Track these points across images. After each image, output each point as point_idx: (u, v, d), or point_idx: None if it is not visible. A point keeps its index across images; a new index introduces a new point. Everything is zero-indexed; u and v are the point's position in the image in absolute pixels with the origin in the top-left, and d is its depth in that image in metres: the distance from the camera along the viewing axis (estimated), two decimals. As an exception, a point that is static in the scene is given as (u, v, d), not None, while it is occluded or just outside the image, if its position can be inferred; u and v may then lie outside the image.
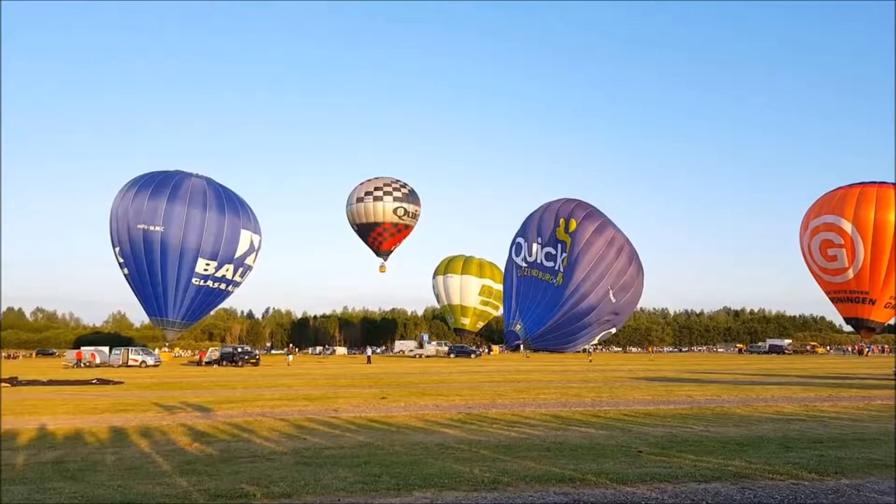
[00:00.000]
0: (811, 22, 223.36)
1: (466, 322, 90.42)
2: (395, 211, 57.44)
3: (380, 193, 57.79)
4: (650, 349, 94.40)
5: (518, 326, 72.41)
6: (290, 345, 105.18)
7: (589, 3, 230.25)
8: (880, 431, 12.50)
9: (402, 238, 60.09)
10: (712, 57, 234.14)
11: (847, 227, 41.51)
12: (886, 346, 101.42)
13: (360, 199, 58.33)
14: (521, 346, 72.81)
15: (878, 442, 11.20)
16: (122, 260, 52.40)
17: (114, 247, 53.20)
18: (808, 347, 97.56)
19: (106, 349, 58.45)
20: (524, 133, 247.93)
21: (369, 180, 59.62)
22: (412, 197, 59.48)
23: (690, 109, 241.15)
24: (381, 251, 60.12)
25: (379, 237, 58.72)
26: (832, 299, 45.30)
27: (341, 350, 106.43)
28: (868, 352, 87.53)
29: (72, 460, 9.89)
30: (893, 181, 43.07)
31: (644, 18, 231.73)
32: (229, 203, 54.45)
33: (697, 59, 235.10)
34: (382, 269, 61.01)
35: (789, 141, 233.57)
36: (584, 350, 65.21)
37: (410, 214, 58.73)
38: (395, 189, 58.49)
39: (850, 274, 41.91)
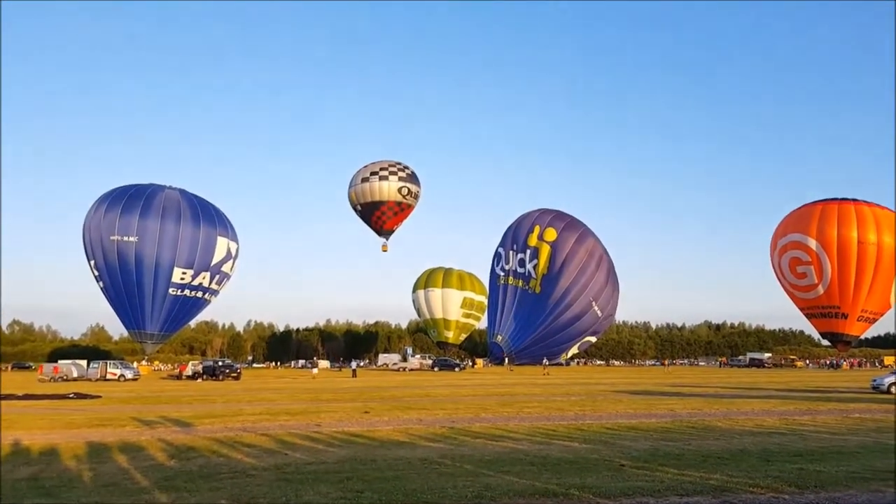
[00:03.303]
0: (791, 36, 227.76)
1: (450, 335, 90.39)
2: (399, 190, 60.05)
3: (385, 173, 60.41)
4: (665, 362, 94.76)
5: (499, 337, 72.59)
6: (315, 357, 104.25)
7: (572, 6, 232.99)
8: (859, 445, 12.65)
9: (403, 218, 62.25)
10: (692, 72, 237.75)
11: (812, 244, 42.52)
12: (864, 360, 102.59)
13: (364, 180, 60.47)
14: (506, 360, 73.05)
15: (856, 455, 11.33)
16: (97, 273, 51.91)
17: (88, 260, 52.65)
18: (785, 361, 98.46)
19: (83, 362, 57.45)
20: (507, 145, 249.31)
21: (373, 163, 62.38)
22: (414, 178, 62.23)
23: (672, 126, 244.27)
24: (384, 230, 62.25)
25: (383, 216, 60.84)
26: (807, 315, 46.15)
27: (324, 363, 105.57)
28: (845, 364, 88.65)
29: (47, 476, 9.71)
30: (853, 197, 44.32)
31: (629, 34, 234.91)
32: (204, 212, 54.27)
33: (679, 73, 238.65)
34: (385, 248, 63.29)
35: (770, 154, 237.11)
36: (542, 364, 65.64)
37: (413, 194, 61.37)
38: (399, 170, 61.28)
39: (821, 290, 42.80)
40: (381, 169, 60.79)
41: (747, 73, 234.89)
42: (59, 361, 59.38)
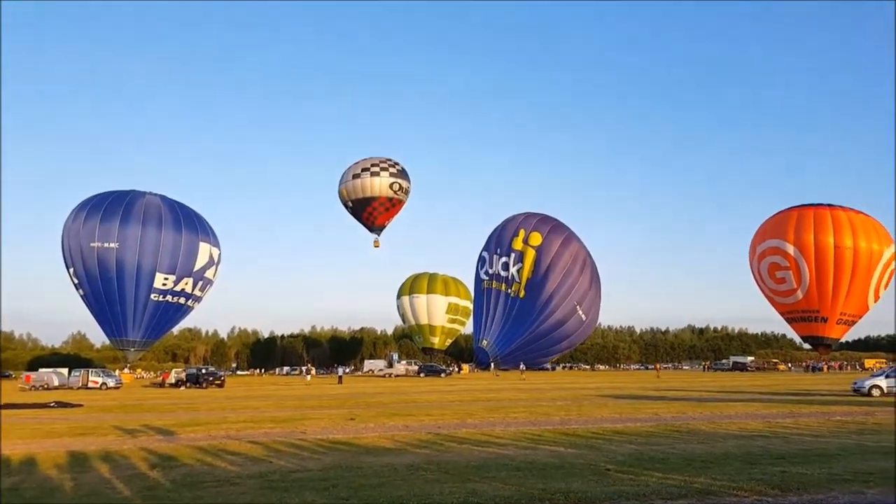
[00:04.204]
0: (772, 41, 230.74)
1: (435, 341, 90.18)
2: (391, 186, 60.97)
3: (376, 169, 61.30)
4: (658, 367, 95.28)
5: (485, 342, 72.55)
6: (309, 364, 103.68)
7: (557, 7, 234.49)
8: (840, 447, 12.80)
9: (394, 213, 63.16)
10: (677, 77, 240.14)
11: (790, 249, 43.26)
12: (845, 363, 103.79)
13: (356, 176, 61.16)
14: (492, 365, 73.05)
15: (838, 457, 11.46)
16: (76, 281, 51.22)
17: (67, 268, 51.93)
18: (768, 364, 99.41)
19: (65, 371, 56.76)
20: (487, 150, 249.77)
21: (363, 159, 63.21)
22: (404, 174, 63.22)
23: (656, 131, 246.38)
24: (376, 226, 63.06)
25: (374, 212, 61.67)
26: (787, 320, 46.77)
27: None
28: (827, 368, 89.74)
29: (28, 487, 9.58)
30: (828, 202, 45.06)
31: (613, 36, 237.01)
32: (186, 218, 53.91)
33: (664, 78, 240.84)
34: (377, 244, 63.72)
35: (753, 159, 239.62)
36: (519, 370, 65.98)
37: (404, 190, 62.41)
38: (390, 166, 62.28)
39: (800, 294, 43.48)
40: (373, 165, 61.46)
41: (732, 79, 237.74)
42: (40, 370, 58.62)
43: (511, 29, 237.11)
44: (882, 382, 29.44)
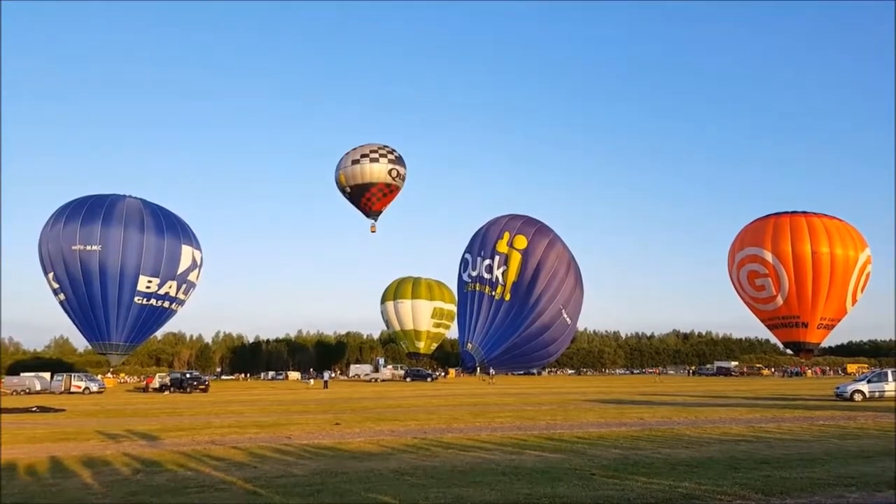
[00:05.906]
0: (755, 47, 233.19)
1: (421, 346, 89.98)
2: (389, 172, 61.83)
3: (375, 156, 62.28)
4: (657, 372, 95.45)
5: (470, 346, 72.53)
6: (312, 369, 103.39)
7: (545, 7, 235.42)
8: (822, 451, 12.93)
9: (391, 199, 64.62)
10: (663, 81, 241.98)
11: (769, 257, 43.82)
12: (828, 368, 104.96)
13: (355, 162, 62.40)
14: (478, 369, 73.06)
15: (820, 462, 11.57)
16: (56, 286, 50.50)
17: (46, 273, 51.18)
18: (748, 369, 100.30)
19: (47, 375, 56.12)
20: (473, 154, 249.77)
21: (362, 146, 63.97)
22: (401, 160, 64.26)
23: (640, 137, 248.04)
24: (373, 212, 64.17)
25: (372, 197, 63.04)
26: (768, 327, 47.22)
27: (294, 375, 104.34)
28: (809, 372, 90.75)
29: (8, 493, 9.46)
30: (804, 210, 45.64)
31: (600, 38, 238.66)
32: (167, 220, 53.58)
33: (650, 82, 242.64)
34: (373, 229, 65.09)
35: (739, 165, 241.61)
36: (488, 373, 66.26)
37: (401, 177, 63.52)
38: (388, 152, 63.36)
39: (780, 301, 43.96)
40: (371, 151, 62.45)
41: (717, 87, 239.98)
42: (21, 374, 57.92)
43: (502, 33, 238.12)
44: (864, 387, 29.79)
